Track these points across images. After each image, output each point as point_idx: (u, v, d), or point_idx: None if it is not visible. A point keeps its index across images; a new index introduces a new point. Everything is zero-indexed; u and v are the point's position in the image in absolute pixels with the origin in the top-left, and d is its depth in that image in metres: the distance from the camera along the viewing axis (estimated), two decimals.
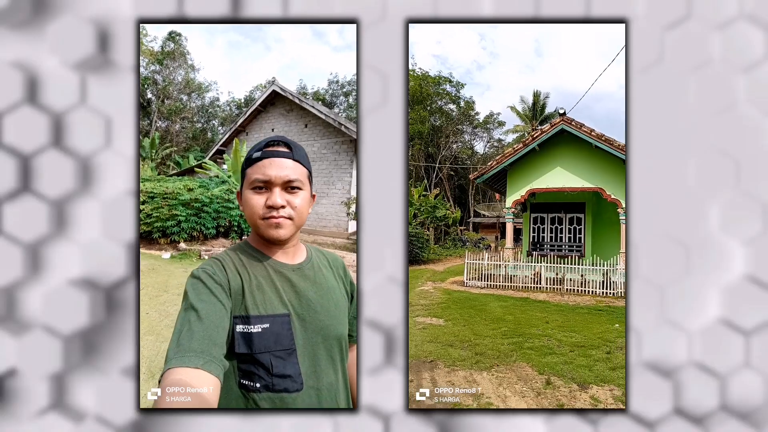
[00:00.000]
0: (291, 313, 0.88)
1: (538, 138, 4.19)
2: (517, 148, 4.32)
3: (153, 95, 5.20)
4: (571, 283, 3.89)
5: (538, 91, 5.30)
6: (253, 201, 0.88)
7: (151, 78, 5.10)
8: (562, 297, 3.76)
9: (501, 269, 4.06)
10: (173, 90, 5.22)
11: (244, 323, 0.84)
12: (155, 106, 5.22)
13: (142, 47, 4.78)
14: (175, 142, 5.43)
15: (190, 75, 5.20)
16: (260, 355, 0.84)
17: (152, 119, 5.22)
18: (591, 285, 3.85)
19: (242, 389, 0.85)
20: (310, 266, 0.96)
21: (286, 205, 0.88)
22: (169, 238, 3.73)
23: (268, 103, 5.43)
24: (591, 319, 3.33)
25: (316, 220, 4.90)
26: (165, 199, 3.68)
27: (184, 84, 5.23)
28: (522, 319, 3.30)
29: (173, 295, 3.19)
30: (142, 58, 4.86)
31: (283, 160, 0.89)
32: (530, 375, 2.46)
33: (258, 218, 0.88)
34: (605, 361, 2.63)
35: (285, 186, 0.88)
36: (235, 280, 0.86)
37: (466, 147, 6.11)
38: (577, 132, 4.04)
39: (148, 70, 5.02)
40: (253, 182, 0.88)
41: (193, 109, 5.43)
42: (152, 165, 4.90)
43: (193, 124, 5.53)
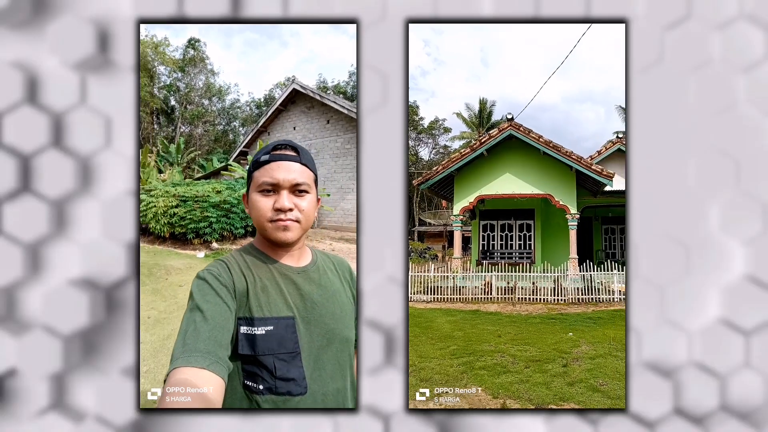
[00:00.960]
0: (296, 316, 0.88)
1: (487, 143, 4.16)
2: (465, 153, 4.26)
3: (176, 102, 5.32)
4: (522, 291, 3.83)
5: (484, 98, 5.21)
6: (261, 204, 0.88)
7: (174, 85, 5.21)
8: (513, 307, 3.64)
9: (449, 281, 3.89)
10: (195, 95, 5.31)
11: (248, 325, 0.84)
12: (179, 112, 5.31)
13: (165, 57, 4.86)
14: (198, 146, 5.53)
15: (210, 80, 5.31)
16: (263, 357, 0.84)
17: (176, 125, 5.33)
18: (543, 292, 3.81)
19: (246, 390, 0.85)
20: (315, 269, 0.96)
21: (293, 208, 0.88)
22: (202, 238, 3.91)
23: (289, 101, 5.39)
24: (544, 329, 3.21)
25: (342, 216, 4.86)
26: (197, 202, 3.82)
27: (204, 89, 5.32)
28: (472, 334, 3.09)
29: None
30: (165, 67, 4.99)
31: (290, 163, 0.89)
32: (483, 400, 2.24)
33: (266, 221, 0.88)
34: (563, 376, 2.50)
35: (293, 189, 0.89)
36: (240, 282, 0.86)
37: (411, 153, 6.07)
38: (525, 138, 4.04)
39: (171, 78, 5.16)
40: (260, 185, 0.89)
41: (214, 112, 5.51)
42: (179, 169, 4.98)
43: (214, 127, 5.59)
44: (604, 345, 2.85)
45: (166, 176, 4.56)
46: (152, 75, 4.88)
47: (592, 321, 3.30)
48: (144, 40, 4.62)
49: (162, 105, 5.17)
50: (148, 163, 4.43)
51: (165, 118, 5.30)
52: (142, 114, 4.93)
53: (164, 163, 4.88)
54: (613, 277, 3.79)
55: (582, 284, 3.76)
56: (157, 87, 5.03)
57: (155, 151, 4.88)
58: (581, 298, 3.69)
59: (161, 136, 5.15)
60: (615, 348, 2.79)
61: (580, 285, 3.76)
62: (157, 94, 5.03)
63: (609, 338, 2.95)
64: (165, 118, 5.30)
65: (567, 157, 4.00)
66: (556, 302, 3.72)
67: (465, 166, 4.28)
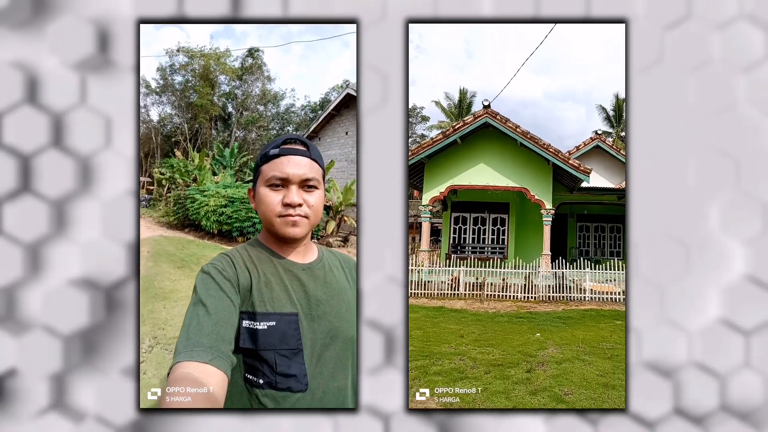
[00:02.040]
0: (299, 313, 0.87)
1: (461, 130, 3.94)
2: (437, 139, 4.01)
3: (233, 108, 5.49)
4: (491, 287, 3.68)
5: (464, 88, 5.00)
6: (270, 198, 0.88)
7: (233, 93, 5.36)
8: (481, 304, 3.50)
9: (414, 274, 3.69)
10: (251, 102, 5.46)
11: (250, 319, 0.84)
12: (235, 118, 5.47)
13: (225, 67, 5.00)
14: (251, 150, 5.66)
15: (267, 86, 5.41)
16: (264, 352, 0.83)
17: (232, 130, 5.47)
18: (513, 289, 3.68)
19: (246, 383, 0.85)
20: (320, 266, 0.95)
21: (303, 204, 0.88)
22: (245, 236, 4.16)
23: (342, 106, 5.31)
24: (511, 328, 3.04)
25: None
26: (243, 203, 4.04)
27: (260, 95, 5.44)
28: (432, 334, 2.87)
29: None
30: (225, 76, 5.12)
31: (300, 158, 0.89)
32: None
33: (274, 216, 0.88)
34: (525, 384, 2.29)
35: (302, 184, 0.88)
36: (243, 276, 0.86)
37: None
38: (501, 127, 3.86)
39: (230, 86, 5.31)
40: (269, 179, 0.88)
41: (268, 117, 5.60)
42: (231, 172, 5.14)
43: (268, 131, 5.66)
44: (572, 347, 2.70)
45: (218, 178, 4.73)
46: (213, 84, 5.02)
47: (562, 321, 3.19)
48: (207, 53, 4.79)
49: (220, 112, 5.27)
50: (204, 165, 4.63)
51: (222, 124, 5.46)
52: (202, 120, 5.06)
53: (218, 166, 5.04)
54: (585, 276, 3.69)
55: (554, 282, 3.67)
56: (217, 96, 5.15)
57: (211, 154, 5.02)
58: (552, 296, 3.61)
59: (217, 141, 5.26)
60: (583, 351, 2.65)
61: (552, 282, 3.67)
62: (216, 102, 5.15)
63: (578, 340, 2.80)
64: (222, 124, 5.46)
65: (544, 149, 3.86)
66: (526, 300, 3.62)
67: (437, 153, 4.04)
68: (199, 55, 4.76)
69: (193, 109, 5.02)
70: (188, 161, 4.75)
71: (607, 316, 3.33)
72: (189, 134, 5.06)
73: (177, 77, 4.84)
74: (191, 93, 4.97)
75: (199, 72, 4.86)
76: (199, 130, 5.11)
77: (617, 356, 2.61)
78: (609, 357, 2.61)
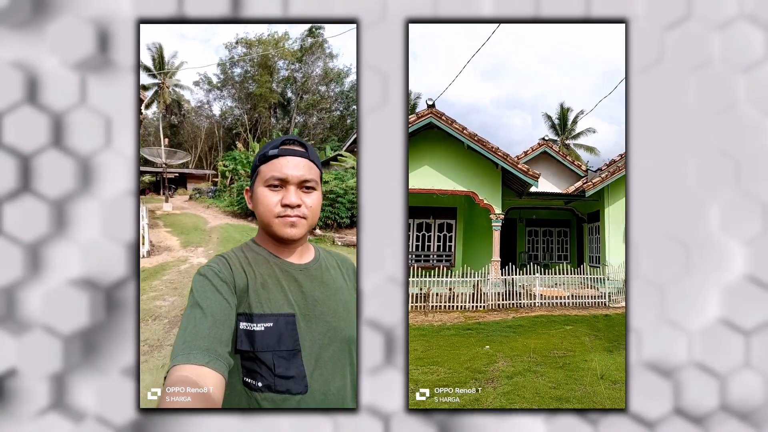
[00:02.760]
0: (296, 313, 0.87)
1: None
2: None
3: (292, 93, 5.26)
4: (437, 298, 3.47)
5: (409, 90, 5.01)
6: (268, 199, 0.88)
7: (292, 77, 5.17)
8: (426, 317, 3.28)
9: None
10: (311, 83, 5.27)
11: (247, 321, 0.84)
12: (294, 103, 5.32)
13: (284, 50, 4.85)
14: (312, 135, 5.47)
15: (329, 64, 5.17)
16: (262, 354, 0.83)
17: (291, 116, 5.32)
18: (460, 299, 3.48)
19: (245, 387, 0.84)
20: (317, 266, 0.95)
21: (301, 204, 0.88)
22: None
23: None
24: (458, 342, 2.84)
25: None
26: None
27: (322, 75, 5.24)
28: None
29: None
30: (285, 60, 4.96)
31: (299, 159, 0.89)
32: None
33: (272, 216, 0.88)
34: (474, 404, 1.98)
35: (300, 185, 0.88)
36: (240, 278, 0.86)
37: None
38: (447, 128, 3.69)
39: (288, 70, 5.11)
40: (268, 180, 0.88)
41: (331, 98, 5.42)
42: None
43: (330, 113, 5.49)
44: (523, 359, 2.54)
45: None
46: (272, 71, 4.88)
47: (512, 330, 3.06)
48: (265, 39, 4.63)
49: (279, 98, 5.14)
50: None
51: (281, 111, 5.30)
52: (261, 110, 4.94)
53: None
54: (535, 281, 3.62)
55: (503, 289, 3.58)
56: (276, 82, 5.00)
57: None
58: (501, 303, 3.51)
59: (277, 129, 5.14)
60: (535, 362, 2.50)
61: (502, 290, 3.57)
62: (275, 89, 5.01)
63: (529, 350, 2.65)
64: (281, 111, 5.30)
65: (492, 153, 3.73)
66: (475, 309, 3.45)
67: None
68: (257, 43, 4.61)
69: (252, 99, 4.89)
70: (249, 152, 4.72)
71: (557, 322, 3.26)
72: (249, 125, 4.97)
73: (236, 69, 4.69)
74: (250, 83, 4.82)
75: (258, 61, 4.70)
76: (259, 119, 5.00)
77: (569, 365, 2.51)
78: (561, 366, 2.50)
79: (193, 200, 5.28)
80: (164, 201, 4.60)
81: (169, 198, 4.79)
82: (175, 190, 5.48)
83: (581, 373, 2.41)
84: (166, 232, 3.95)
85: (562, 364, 2.53)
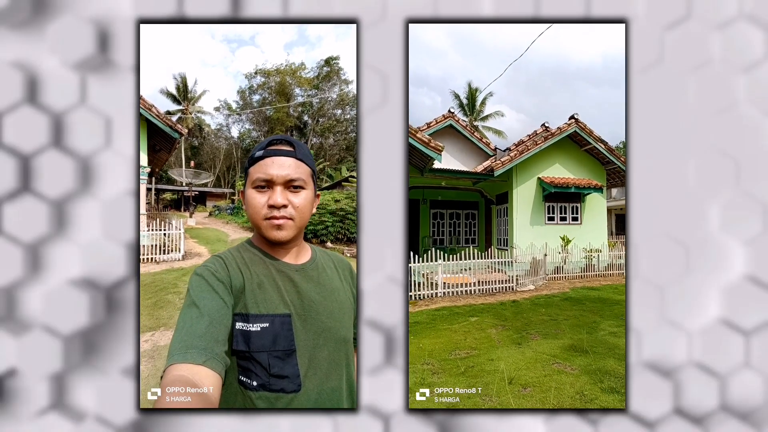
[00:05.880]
0: (292, 314, 0.87)
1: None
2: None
3: (309, 117, 5.61)
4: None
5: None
6: (255, 200, 0.88)
7: (308, 102, 5.49)
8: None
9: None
10: (327, 108, 5.58)
11: (243, 321, 0.84)
12: (310, 126, 5.61)
13: (301, 79, 5.13)
14: (328, 156, 5.70)
15: (344, 89, 5.48)
16: (258, 354, 0.83)
17: (308, 138, 5.59)
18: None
19: (240, 385, 0.85)
20: (314, 267, 0.95)
21: (287, 204, 0.87)
22: (319, 238, 4.79)
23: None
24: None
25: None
26: (317, 209, 4.47)
27: (338, 100, 5.53)
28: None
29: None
30: (302, 88, 5.30)
31: (285, 158, 0.89)
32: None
33: (260, 218, 0.88)
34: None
35: (287, 185, 0.88)
36: (236, 278, 0.86)
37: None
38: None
39: (305, 96, 5.47)
40: (255, 181, 0.88)
41: (347, 121, 5.63)
42: None
43: (346, 135, 5.68)
44: (416, 368, 2.14)
45: None
46: (289, 98, 5.18)
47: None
48: (283, 69, 4.96)
49: (296, 122, 5.40)
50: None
51: (298, 133, 5.61)
52: (278, 132, 5.17)
53: None
54: (438, 268, 3.37)
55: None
56: (292, 107, 5.30)
57: None
58: None
59: None
60: (431, 370, 2.13)
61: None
62: (292, 113, 5.31)
63: (425, 353, 2.29)
64: (298, 133, 5.61)
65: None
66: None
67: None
68: (275, 72, 4.92)
69: (269, 122, 5.14)
70: None
71: (461, 314, 2.96)
72: None
73: (255, 96, 5.07)
74: (267, 108, 5.12)
75: (275, 88, 5.02)
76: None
77: (472, 368, 2.15)
78: (462, 372, 2.15)
79: (213, 216, 5.67)
80: (188, 216, 5.17)
81: (192, 214, 5.35)
82: (195, 207, 5.87)
83: (487, 378, 2.06)
84: (193, 242, 4.51)
85: (463, 369, 2.17)
